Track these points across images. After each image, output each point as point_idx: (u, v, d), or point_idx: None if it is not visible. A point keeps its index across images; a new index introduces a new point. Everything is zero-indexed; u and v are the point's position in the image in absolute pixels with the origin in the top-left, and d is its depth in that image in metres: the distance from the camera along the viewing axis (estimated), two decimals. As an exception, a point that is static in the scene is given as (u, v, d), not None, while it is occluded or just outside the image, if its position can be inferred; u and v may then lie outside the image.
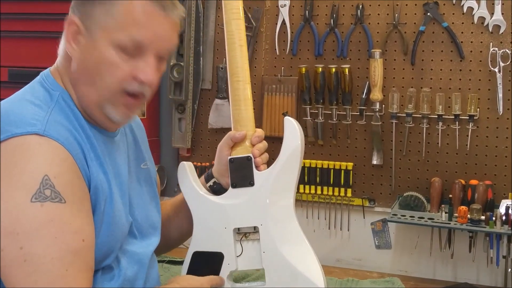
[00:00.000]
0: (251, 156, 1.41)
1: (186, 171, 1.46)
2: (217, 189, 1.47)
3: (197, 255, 1.43)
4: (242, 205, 1.40)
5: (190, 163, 1.49)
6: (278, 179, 1.39)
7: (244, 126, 1.44)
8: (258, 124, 2.45)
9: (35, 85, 1.27)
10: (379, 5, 2.38)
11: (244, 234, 1.42)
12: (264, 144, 1.44)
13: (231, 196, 1.42)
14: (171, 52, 1.27)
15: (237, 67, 1.45)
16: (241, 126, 1.44)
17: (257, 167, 1.41)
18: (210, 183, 1.47)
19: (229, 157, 1.43)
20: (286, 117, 1.42)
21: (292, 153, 1.39)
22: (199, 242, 1.43)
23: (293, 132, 1.40)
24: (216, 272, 1.41)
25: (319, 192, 2.46)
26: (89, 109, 1.24)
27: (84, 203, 1.15)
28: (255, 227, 1.40)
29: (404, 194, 2.32)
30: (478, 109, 2.26)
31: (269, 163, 1.46)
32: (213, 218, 1.42)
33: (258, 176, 1.40)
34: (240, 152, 1.43)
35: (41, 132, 1.12)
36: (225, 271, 1.41)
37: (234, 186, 1.42)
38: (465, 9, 2.28)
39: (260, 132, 1.45)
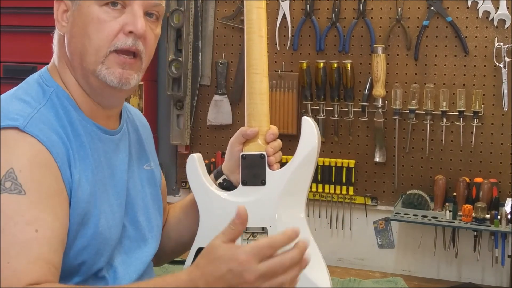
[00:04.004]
0: (265, 154, 1.36)
1: (196, 164, 1.41)
2: (227, 187, 1.42)
3: (201, 251, 1.39)
4: (251, 204, 1.33)
5: (199, 155, 1.43)
6: (292, 180, 1.34)
7: (258, 121, 1.39)
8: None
9: (31, 81, 1.25)
10: (381, -1, 2.35)
11: (252, 233, 1.37)
12: (278, 142, 1.39)
13: (241, 193, 1.37)
14: (159, 8, 1.23)
15: (256, 59, 1.40)
16: (255, 121, 1.39)
17: (270, 166, 1.36)
18: (220, 180, 1.43)
19: (242, 153, 1.38)
20: (304, 117, 1.37)
21: (308, 154, 1.34)
22: (204, 238, 1.37)
23: (310, 133, 1.35)
24: None
25: (320, 190, 2.43)
26: (88, 84, 1.21)
27: (52, 198, 1.11)
28: (263, 228, 1.35)
29: (407, 192, 2.29)
30: (482, 106, 2.23)
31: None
32: (221, 214, 1.37)
33: (270, 176, 1.36)
34: (253, 149, 1.38)
35: (21, 127, 1.11)
36: None
37: (245, 183, 1.37)
38: (469, 3, 2.24)
39: (274, 129, 1.39)
